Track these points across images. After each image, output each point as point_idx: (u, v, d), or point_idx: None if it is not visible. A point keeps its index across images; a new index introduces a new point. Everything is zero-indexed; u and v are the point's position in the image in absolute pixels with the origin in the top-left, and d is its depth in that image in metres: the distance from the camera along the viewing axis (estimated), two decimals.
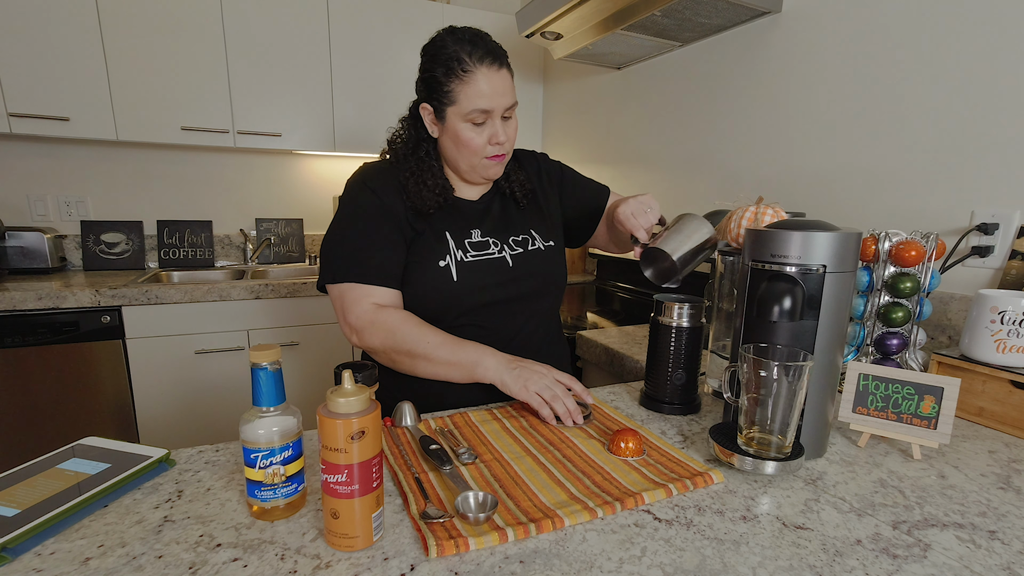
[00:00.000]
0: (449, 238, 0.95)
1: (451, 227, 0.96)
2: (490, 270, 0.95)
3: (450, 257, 0.93)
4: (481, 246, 0.97)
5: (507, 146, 0.94)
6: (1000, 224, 1.03)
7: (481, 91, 0.87)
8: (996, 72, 1.03)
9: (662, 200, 1.98)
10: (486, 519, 0.55)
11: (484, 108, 0.88)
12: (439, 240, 0.94)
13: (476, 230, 0.98)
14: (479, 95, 0.87)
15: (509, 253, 0.98)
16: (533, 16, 1.78)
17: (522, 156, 1.11)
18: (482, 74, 0.86)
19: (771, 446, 0.66)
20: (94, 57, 1.89)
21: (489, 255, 0.96)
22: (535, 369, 0.84)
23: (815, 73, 1.38)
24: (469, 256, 0.95)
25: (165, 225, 2.35)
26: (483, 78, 0.87)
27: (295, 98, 2.19)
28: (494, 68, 0.88)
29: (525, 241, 1.01)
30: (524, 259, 0.99)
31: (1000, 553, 0.53)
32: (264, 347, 0.55)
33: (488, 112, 0.88)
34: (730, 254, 0.92)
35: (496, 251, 0.97)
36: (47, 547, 0.51)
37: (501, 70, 0.89)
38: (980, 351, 0.85)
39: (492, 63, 0.87)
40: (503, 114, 0.91)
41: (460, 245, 0.95)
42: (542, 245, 1.02)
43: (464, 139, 0.90)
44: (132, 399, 1.87)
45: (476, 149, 0.91)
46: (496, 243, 0.98)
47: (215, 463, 0.68)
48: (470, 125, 0.89)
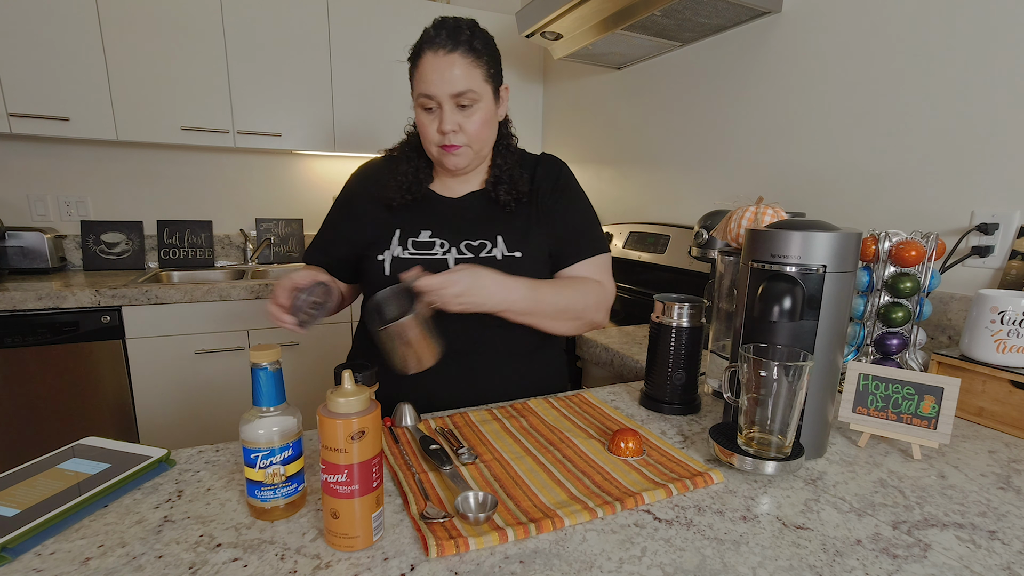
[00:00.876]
0: (397, 233, 0.94)
1: (405, 223, 0.95)
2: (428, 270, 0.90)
3: (388, 252, 0.93)
4: (425, 246, 0.94)
5: (463, 138, 0.89)
6: (1000, 224, 1.03)
7: (424, 75, 0.86)
8: (996, 72, 1.03)
9: (663, 200, 1.98)
10: (486, 519, 0.55)
11: (426, 93, 0.86)
12: (386, 235, 0.95)
13: (428, 230, 0.95)
14: (422, 79, 0.86)
15: (455, 256, 0.93)
16: (533, 16, 1.78)
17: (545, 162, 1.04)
18: (427, 58, 0.85)
19: (771, 446, 0.66)
20: (94, 57, 1.89)
21: (429, 255, 0.93)
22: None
23: (815, 73, 1.38)
24: (406, 253, 0.93)
25: (165, 225, 2.35)
26: (427, 62, 0.85)
27: (295, 98, 2.19)
28: (441, 52, 0.85)
29: (481, 247, 0.94)
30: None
31: (1000, 553, 0.53)
32: (264, 347, 0.55)
33: (432, 98, 0.86)
34: (730, 254, 0.92)
35: (440, 252, 0.93)
36: (47, 547, 0.51)
37: (450, 55, 0.85)
38: (980, 351, 0.85)
39: (441, 47, 0.85)
40: (458, 103, 0.87)
41: (403, 241, 0.94)
42: (501, 254, 0.94)
43: (419, 124, 0.91)
44: (132, 399, 1.87)
45: (428, 137, 0.90)
46: (444, 244, 0.94)
47: (215, 463, 0.68)
48: (422, 111, 0.89)
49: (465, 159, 0.92)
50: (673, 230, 1.81)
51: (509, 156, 1.00)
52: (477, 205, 0.99)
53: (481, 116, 0.90)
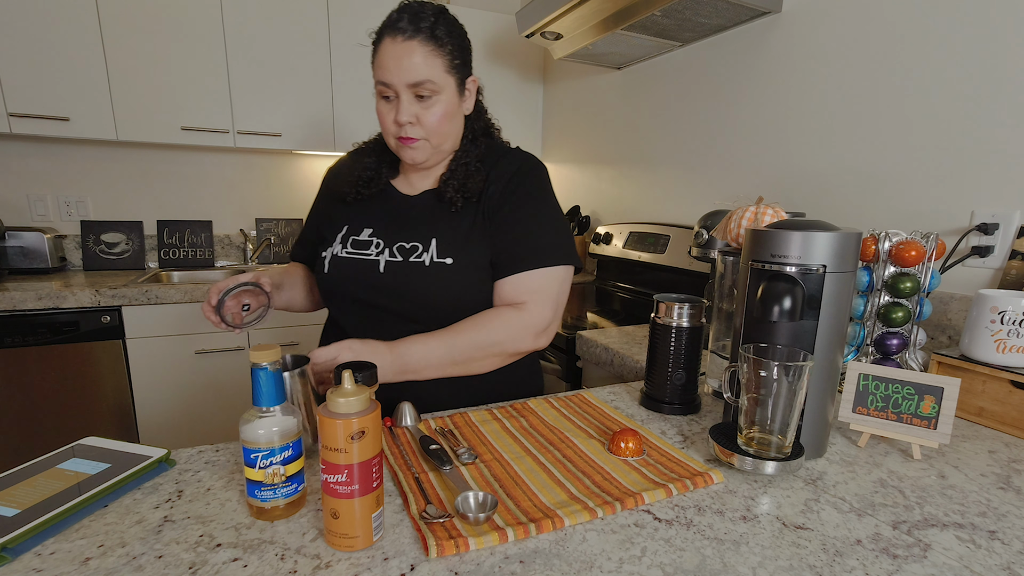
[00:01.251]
0: (344, 230, 0.94)
1: (352, 220, 0.95)
2: (356, 271, 0.90)
3: (330, 249, 0.93)
4: (362, 245, 0.92)
5: (420, 131, 0.85)
6: (1000, 224, 1.03)
7: (381, 61, 0.83)
8: (996, 72, 1.03)
9: (664, 199, 1.98)
10: (486, 519, 0.55)
11: (383, 80, 0.83)
12: (333, 232, 0.95)
13: (369, 228, 0.93)
14: (379, 65, 0.83)
15: (386, 259, 0.89)
16: (533, 16, 1.78)
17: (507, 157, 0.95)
18: (386, 44, 0.82)
19: (771, 446, 0.66)
20: (94, 57, 1.89)
21: (363, 255, 0.91)
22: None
23: (815, 73, 1.38)
24: (344, 252, 0.92)
25: (165, 225, 2.35)
26: (386, 48, 0.82)
27: (295, 98, 2.20)
28: (400, 38, 0.81)
29: (412, 250, 0.89)
30: (398, 269, 0.88)
31: (1000, 553, 0.53)
32: (264, 347, 0.55)
33: (388, 86, 0.83)
34: (730, 254, 0.92)
35: (374, 253, 0.90)
36: (47, 547, 0.51)
37: (409, 42, 0.80)
38: (980, 351, 0.85)
39: (400, 33, 0.81)
40: (416, 93, 0.83)
41: (345, 239, 0.93)
42: (430, 259, 0.87)
43: (377, 113, 0.88)
44: (132, 399, 1.87)
45: (386, 127, 0.87)
46: (379, 244, 0.91)
47: (215, 463, 0.68)
48: (381, 99, 0.86)
49: (423, 153, 0.88)
50: (673, 230, 1.81)
51: (472, 151, 0.93)
52: (427, 204, 0.94)
53: (441, 109, 0.85)
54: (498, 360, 0.92)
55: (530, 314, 0.89)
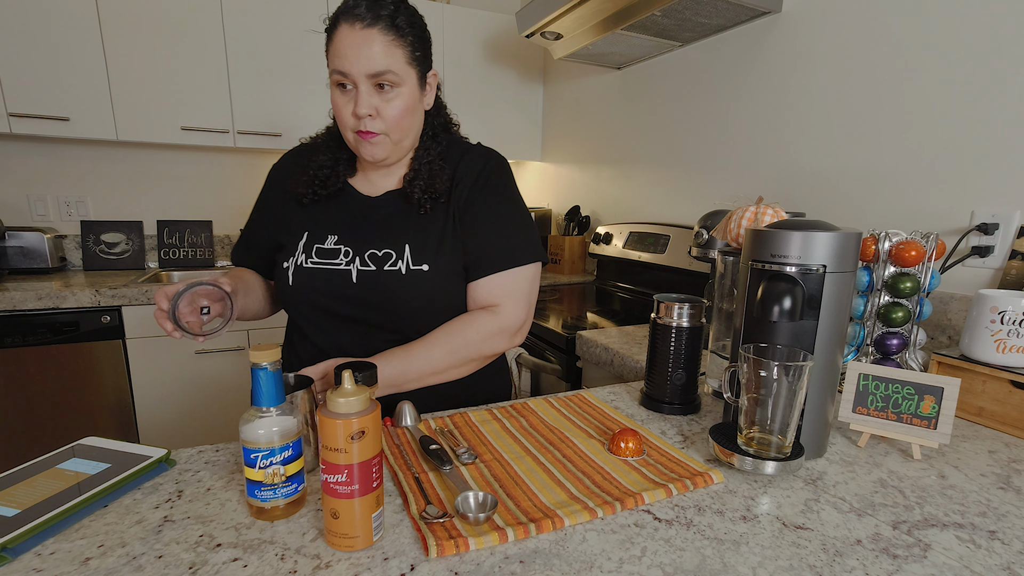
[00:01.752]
0: (304, 238, 0.88)
1: (314, 225, 0.89)
2: (326, 281, 0.85)
3: (292, 259, 0.87)
4: (329, 254, 0.87)
5: (380, 124, 0.81)
6: (1000, 224, 1.03)
7: (338, 49, 0.78)
8: (996, 72, 1.03)
9: (664, 200, 1.98)
10: (486, 519, 0.55)
11: (339, 69, 0.78)
12: (293, 239, 0.89)
13: (333, 235, 0.88)
14: (336, 53, 0.78)
15: (357, 268, 0.85)
16: (533, 16, 1.78)
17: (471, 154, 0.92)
18: (343, 31, 0.77)
19: (771, 446, 0.66)
20: (94, 57, 1.89)
21: (332, 265, 0.86)
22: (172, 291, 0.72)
23: (815, 73, 1.38)
24: (309, 262, 0.87)
25: (165, 225, 2.35)
26: (343, 35, 0.77)
27: (295, 98, 2.19)
28: (359, 26, 0.76)
29: (386, 258, 0.85)
30: (372, 279, 0.85)
31: (1000, 553, 0.53)
32: (264, 347, 0.55)
33: (345, 75, 0.78)
34: (730, 254, 0.92)
35: (344, 262, 0.86)
36: (47, 547, 0.51)
37: (368, 30, 0.76)
38: (980, 351, 0.85)
39: (359, 20, 0.76)
40: (374, 84, 0.79)
41: (308, 248, 0.87)
42: (406, 267, 0.85)
43: (333, 104, 0.82)
44: (132, 399, 1.87)
45: (343, 120, 0.82)
46: (348, 253, 0.86)
47: (215, 463, 0.68)
48: (337, 89, 0.81)
49: (383, 149, 0.84)
50: (673, 230, 1.81)
51: (433, 148, 0.90)
52: (392, 206, 0.89)
53: (403, 103, 0.81)
54: (476, 364, 0.92)
55: (505, 316, 0.89)
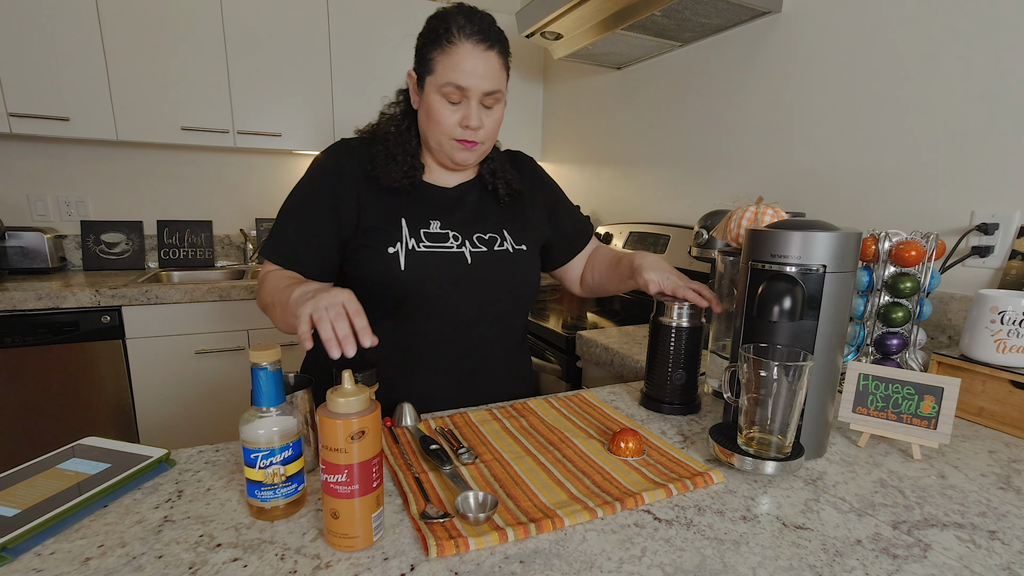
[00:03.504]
0: (404, 224, 0.89)
1: (408, 213, 0.90)
2: (444, 264, 0.89)
3: (400, 244, 0.87)
4: (438, 238, 0.90)
5: (481, 134, 0.88)
6: (1000, 224, 1.03)
7: (459, 65, 0.83)
8: (996, 72, 1.03)
9: (663, 200, 1.98)
10: (486, 519, 0.55)
11: (459, 84, 0.83)
12: (393, 225, 0.88)
13: (436, 221, 0.91)
14: (456, 68, 0.83)
15: (470, 250, 0.91)
16: (533, 16, 1.78)
17: (520, 158, 1.07)
18: (465, 49, 0.82)
19: (771, 446, 0.66)
20: (94, 57, 1.89)
21: (446, 248, 0.90)
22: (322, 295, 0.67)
23: (815, 73, 1.38)
24: (422, 246, 0.88)
25: (165, 225, 2.35)
26: (465, 53, 0.82)
27: (295, 98, 2.19)
28: (480, 47, 0.83)
29: (492, 240, 0.94)
30: (486, 259, 0.92)
31: (1000, 553, 0.53)
32: (264, 347, 0.55)
33: (463, 90, 0.84)
34: (730, 254, 0.92)
35: (455, 245, 0.91)
36: (47, 547, 0.51)
37: (488, 52, 0.84)
38: (980, 351, 0.85)
39: (480, 42, 0.83)
40: (483, 100, 0.86)
41: (414, 233, 0.89)
42: (511, 247, 0.95)
43: (435, 112, 0.86)
44: (132, 399, 1.87)
45: (445, 127, 0.87)
46: (457, 237, 0.91)
47: (215, 463, 0.68)
48: (443, 100, 0.85)
49: (477, 155, 0.92)
50: (673, 230, 1.81)
51: (496, 151, 1.02)
52: (473, 197, 0.97)
53: (500, 115, 0.90)
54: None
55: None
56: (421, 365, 0.91)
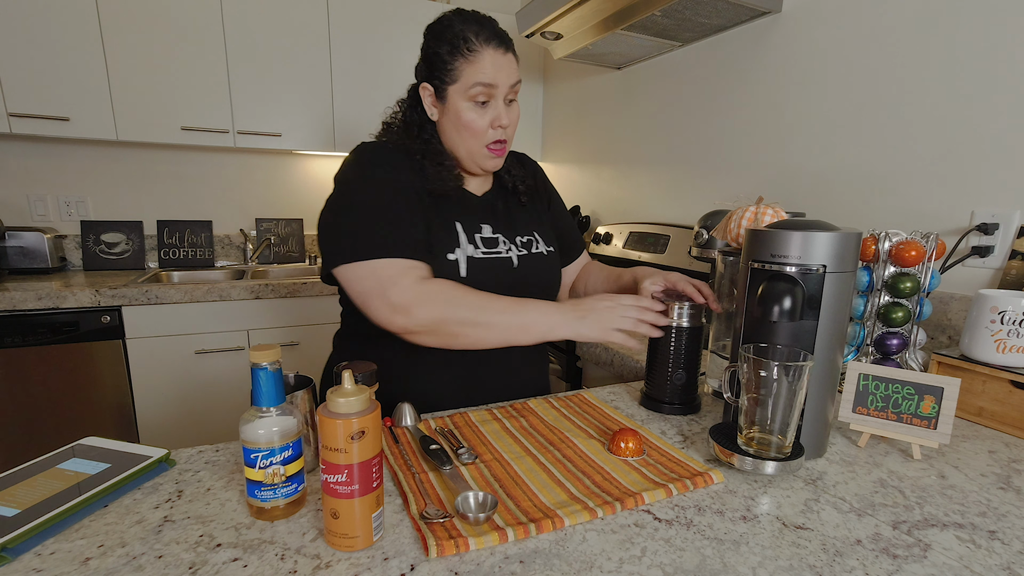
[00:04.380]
0: (460, 230, 0.90)
1: (462, 218, 0.92)
2: (498, 269, 0.92)
3: (460, 251, 0.88)
4: (491, 243, 0.93)
5: (509, 132, 0.91)
6: (1000, 224, 1.03)
7: (484, 68, 0.85)
8: (996, 72, 1.03)
9: (663, 200, 1.98)
10: (486, 519, 0.55)
11: (487, 81, 0.85)
12: (448, 231, 0.89)
13: (487, 225, 0.94)
14: (481, 71, 0.85)
15: (516, 253, 0.95)
16: (533, 16, 1.78)
17: (525, 160, 1.10)
18: (488, 54, 0.85)
19: (771, 446, 0.66)
20: (94, 57, 1.89)
21: (497, 253, 0.93)
22: (600, 307, 0.80)
23: (815, 73, 1.38)
24: (479, 252, 0.91)
25: (165, 225, 2.35)
26: (489, 57, 0.85)
27: (295, 98, 2.19)
28: (500, 51, 0.86)
29: (530, 243, 0.98)
30: (528, 262, 0.96)
31: (1000, 553, 0.53)
32: (264, 347, 0.55)
33: (491, 87, 0.85)
34: (730, 254, 0.92)
35: (504, 250, 0.94)
36: (47, 547, 0.51)
37: (507, 55, 0.87)
38: (980, 351, 0.85)
39: (499, 46, 0.86)
40: (507, 96, 0.88)
41: (471, 239, 0.91)
42: (545, 250, 1.00)
43: (465, 120, 0.87)
44: (132, 399, 1.87)
45: (477, 132, 0.88)
46: (505, 241, 0.95)
47: (215, 463, 0.68)
48: (472, 105, 0.87)
49: (504, 157, 0.94)
50: (673, 230, 1.81)
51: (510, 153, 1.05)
52: (501, 202, 1.00)
53: (519, 111, 0.92)
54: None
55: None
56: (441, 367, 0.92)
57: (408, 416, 0.79)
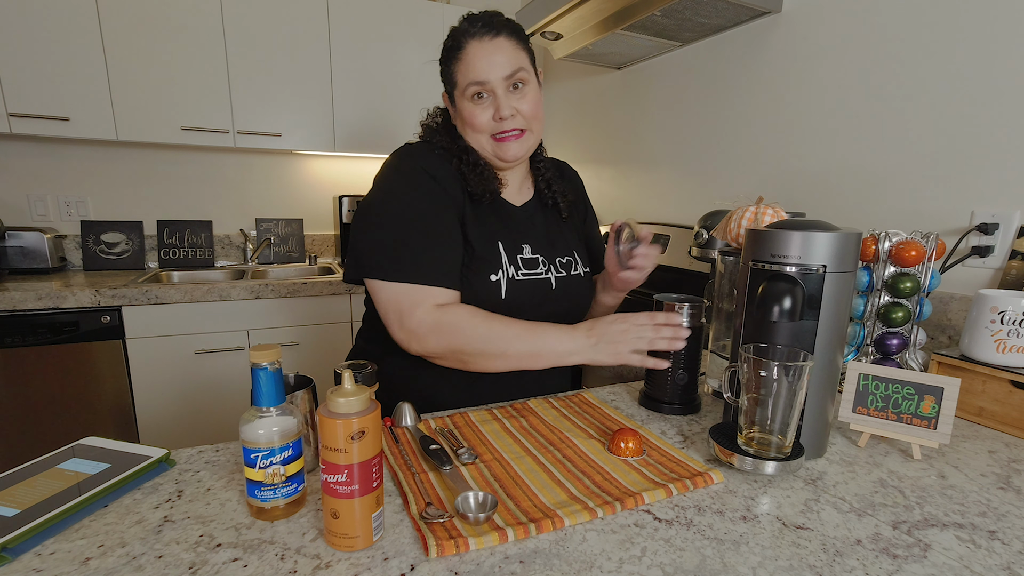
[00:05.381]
0: (502, 250, 0.89)
1: (503, 236, 0.90)
2: (536, 291, 0.90)
3: (502, 272, 0.87)
4: (531, 264, 0.91)
5: (520, 120, 0.86)
6: (1000, 224, 1.03)
7: (471, 64, 0.83)
8: (996, 72, 1.03)
9: (663, 200, 1.98)
10: (486, 519, 0.55)
11: (476, 80, 0.83)
12: (491, 250, 0.88)
13: (527, 244, 0.92)
14: (470, 69, 0.83)
15: (555, 275, 0.93)
16: (533, 16, 1.78)
17: (565, 170, 1.07)
18: (472, 47, 0.83)
19: (771, 446, 0.66)
20: (94, 57, 1.89)
21: (537, 275, 0.91)
22: (613, 330, 0.78)
23: (815, 73, 1.38)
24: (520, 274, 0.89)
25: (165, 225, 2.35)
26: (473, 51, 0.83)
27: (295, 98, 2.19)
28: (487, 38, 0.83)
29: (569, 264, 0.96)
30: (566, 284, 0.94)
31: (1000, 553, 0.53)
32: (264, 347, 0.55)
33: (482, 84, 0.83)
34: (730, 254, 0.92)
35: (544, 271, 0.92)
36: (47, 547, 0.51)
37: (497, 39, 0.83)
38: (980, 351, 0.85)
39: (485, 33, 0.83)
40: (508, 85, 0.85)
41: (512, 260, 0.89)
42: (583, 271, 0.98)
43: (467, 115, 0.86)
44: (132, 399, 1.87)
45: (479, 126, 0.86)
46: (545, 262, 0.93)
47: (215, 463, 0.68)
48: (471, 102, 0.86)
49: (526, 144, 0.89)
50: (673, 230, 1.81)
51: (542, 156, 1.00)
52: (540, 216, 0.97)
53: (534, 95, 0.87)
54: None
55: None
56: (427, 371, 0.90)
57: (408, 416, 0.79)
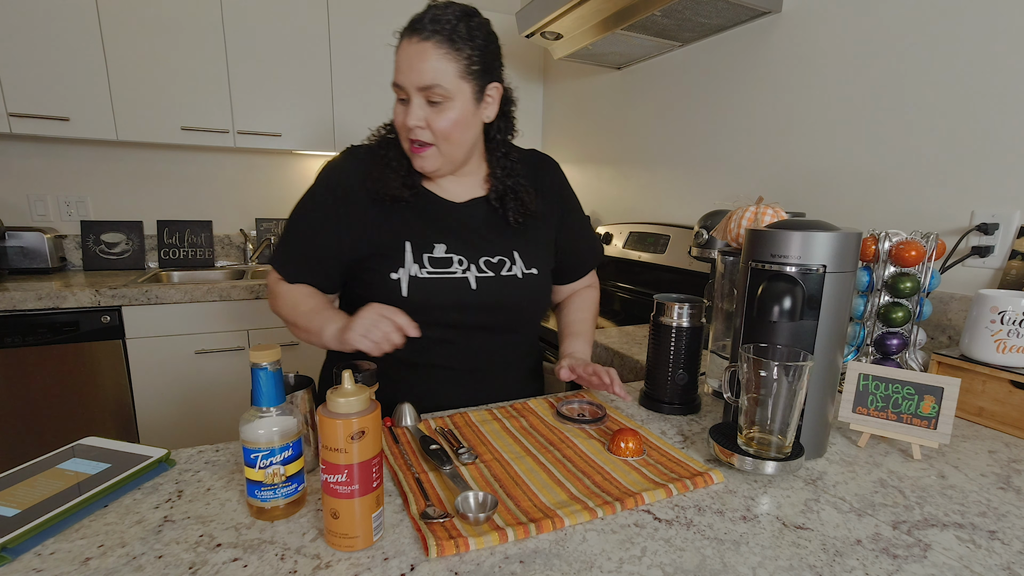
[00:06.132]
0: (408, 249, 0.86)
1: (414, 236, 0.87)
2: (447, 291, 0.86)
3: (403, 270, 0.85)
4: (442, 263, 0.87)
5: (427, 135, 0.82)
6: (1000, 224, 1.03)
7: (397, 63, 0.81)
8: (996, 72, 1.03)
9: (663, 200, 1.98)
10: (486, 519, 0.55)
11: (396, 82, 0.81)
12: (396, 249, 0.86)
13: (442, 244, 0.87)
14: (396, 67, 0.81)
15: (475, 275, 0.88)
16: (533, 16, 1.78)
17: (545, 164, 1.00)
18: (403, 45, 0.80)
19: (771, 446, 0.66)
20: (94, 57, 1.89)
21: (449, 274, 0.87)
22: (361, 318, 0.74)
23: (815, 73, 1.38)
24: (424, 272, 0.86)
25: (165, 225, 2.35)
26: (402, 50, 0.80)
27: (295, 98, 2.19)
28: (416, 39, 0.78)
29: (500, 264, 0.90)
30: (493, 284, 0.89)
31: (1000, 553, 0.53)
32: (264, 347, 0.55)
33: (399, 88, 0.81)
34: (730, 254, 0.92)
35: (460, 270, 0.87)
36: (47, 547, 0.51)
37: (424, 43, 0.77)
38: (980, 351, 0.85)
39: (412, 36, 0.79)
40: (427, 97, 0.79)
41: (418, 258, 0.86)
42: (520, 272, 0.91)
43: (393, 113, 0.85)
44: (132, 399, 1.87)
45: (398, 127, 0.84)
46: (462, 261, 0.88)
47: (215, 463, 0.68)
48: (398, 100, 0.83)
49: (432, 162, 0.85)
50: (673, 230, 1.81)
51: (509, 165, 0.92)
52: (482, 213, 0.92)
53: (454, 116, 0.81)
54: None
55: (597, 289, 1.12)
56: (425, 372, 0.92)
57: (408, 416, 0.79)
